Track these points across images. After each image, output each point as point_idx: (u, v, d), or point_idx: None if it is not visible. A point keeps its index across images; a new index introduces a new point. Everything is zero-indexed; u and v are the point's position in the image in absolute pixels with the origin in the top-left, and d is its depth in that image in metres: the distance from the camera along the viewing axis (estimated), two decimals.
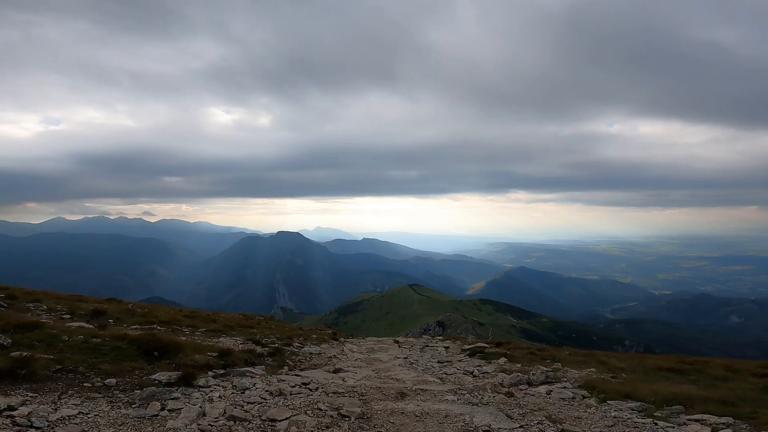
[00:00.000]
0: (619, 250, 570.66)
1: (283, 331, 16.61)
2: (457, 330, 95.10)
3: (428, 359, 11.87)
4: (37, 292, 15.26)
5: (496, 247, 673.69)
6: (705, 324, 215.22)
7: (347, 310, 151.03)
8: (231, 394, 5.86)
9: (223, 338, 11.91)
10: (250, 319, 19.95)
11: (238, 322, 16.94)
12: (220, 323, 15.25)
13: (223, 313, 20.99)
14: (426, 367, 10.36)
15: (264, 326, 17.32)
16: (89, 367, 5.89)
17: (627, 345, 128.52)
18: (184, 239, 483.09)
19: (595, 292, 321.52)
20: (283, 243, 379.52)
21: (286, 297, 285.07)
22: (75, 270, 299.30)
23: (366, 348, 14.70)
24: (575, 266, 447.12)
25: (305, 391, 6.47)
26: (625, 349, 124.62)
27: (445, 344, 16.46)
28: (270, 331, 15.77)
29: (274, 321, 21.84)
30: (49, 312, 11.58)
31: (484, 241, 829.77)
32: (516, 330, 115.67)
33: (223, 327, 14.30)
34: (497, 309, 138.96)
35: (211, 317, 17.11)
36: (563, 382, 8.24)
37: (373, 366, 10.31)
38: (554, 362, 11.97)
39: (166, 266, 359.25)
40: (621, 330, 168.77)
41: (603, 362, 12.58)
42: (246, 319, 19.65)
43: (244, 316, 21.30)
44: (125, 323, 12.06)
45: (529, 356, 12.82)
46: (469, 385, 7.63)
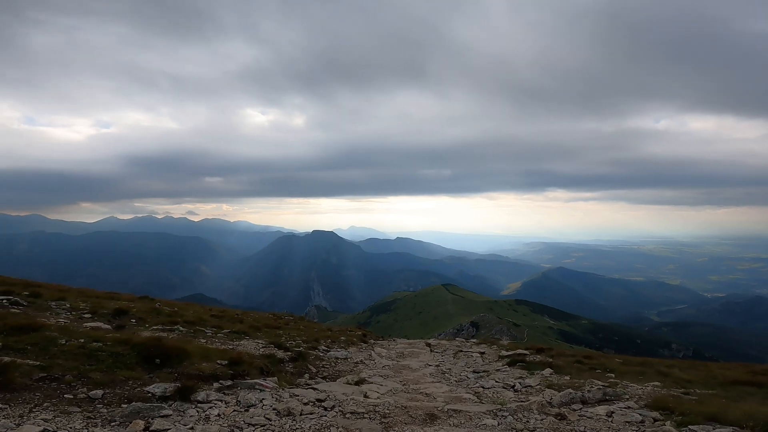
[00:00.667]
0: (667, 251, 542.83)
1: (312, 332, 16.00)
2: (492, 331, 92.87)
3: (462, 368, 10.75)
4: (65, 289, 15.22)
5: (533, 247, 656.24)
6: (761, 328, 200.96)
7: (380, 309, 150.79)
8: (232, 412, 5.06)
9: (246, 341, 11.25)
10: (279, 319, 19.50)
11: (266, 322, 16.40)
12: (246, 324, 14.73)
13: (252, 313, 20.57)
14: (460, 379, 9.27)
15: (292, 327, 16.77)
16: (78, 376, 5.26)
17: (674, 349, 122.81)
18: (225, 238, 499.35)
19: (640, 293, 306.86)
20: (318, 242, 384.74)
21: (321, 295, 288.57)
22: (126, 267, 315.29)
23: (396, 352, 13.70)
24: (618, 267, 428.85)
25: (318, 410, 5.57)
26: (672, 353, 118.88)
27: (480, 349, 15.28)
28: (297, 332, 15.16)
29: (304, 321, 21.36)
30: (71, 311, 11.30)
31: (521, 240, 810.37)
32: (553, 332, 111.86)
33: (249, 328, 13.78)
34: (534, 310, 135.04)
35: (239, 317, 16.61)
36: (625, 401, 6.94)
37: (401, 375, 9.33)
38: (605, 372, 10.60)
39: (209, 264, 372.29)
40: (668, 333, 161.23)
41: (664, 373, 10.98)
42: (275, 319, 19.19)
43: (273, 315, 20.87)
44: (147, 323, 11.67)
45: (575, 365, 11.45)
46: (511, 405, 6.49)
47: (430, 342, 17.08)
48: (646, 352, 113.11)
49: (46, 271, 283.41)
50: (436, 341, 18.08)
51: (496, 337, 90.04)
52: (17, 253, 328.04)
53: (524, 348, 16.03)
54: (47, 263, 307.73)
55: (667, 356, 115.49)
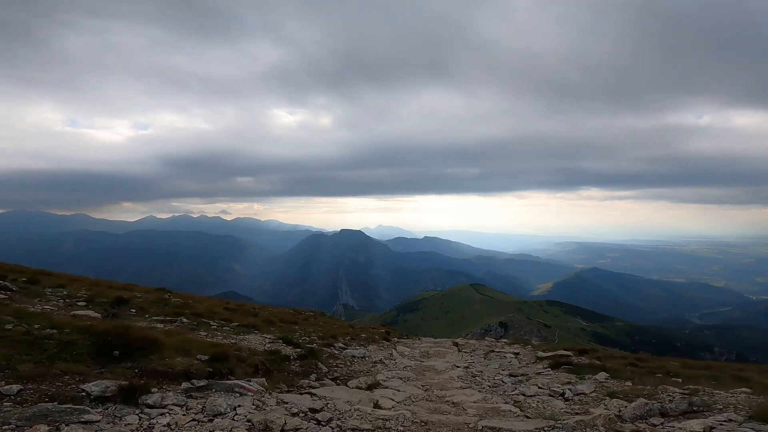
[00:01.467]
0: (710, 251, 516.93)
1: (331, 328, 15.15)
2: (521, 332, 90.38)
3: (496, 371, 9.13)
4: (76, 279, 14.64)
5: (565, 247, 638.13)
6: None
7: (407, 308, 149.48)
8: (189, 422, 3.74)
9: (252, 335, 10.23)
10: (298, 314, 18.74)
11: (282, 317, 15.60)
12: (261, 318, 13.91)
13: (270, 307, 19.75)
14: (494, 384, 7.67)
15: (311, 323, 15.97)
16: (2, 367, 4.10)
17: (716, 352, 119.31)
18: (256, 237, 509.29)
19: (681, 295, 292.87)
20: (346, 241, 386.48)
21: (348, 294, 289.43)
22: (163, 265, 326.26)
23: (420, 352, 12.38)
24: (657, 268, 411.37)
25: (308, 424, 4.16)
26: (714, 356, 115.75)
27: (513, 350, 13.83)
28: (315, 328, 14.24)
29: (325, 317, 20.44)
30: (66, 299, 10.49)
31: (552, 240, 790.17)
32: (586, 333, 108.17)
33: (262, 322, 12.93)
34: (566, 311, 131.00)
35: (255, 311, 15.78)
36: (720, 412, 5.25)
37: (424, 378, 7.83)
38: (668, 377, 8.80)
39: (241, 262, 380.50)
40: (710, 336, 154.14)
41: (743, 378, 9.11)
42: (294, 314, 18.43)
43: (293, 311, 20.04)
44: (148, 314, 10.82)
45: (630, 368, 9.72)
46: (567, 420, 4.88)
47: (457, 341, 15.94)
48: (686, 356, 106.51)
49: (90, 269, 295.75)
50: (464, 341, 17.07)
51: (526, 338, 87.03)
52: (63, 252, 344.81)
53: (562, 348, 14.44)
54: (92, 261, 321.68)
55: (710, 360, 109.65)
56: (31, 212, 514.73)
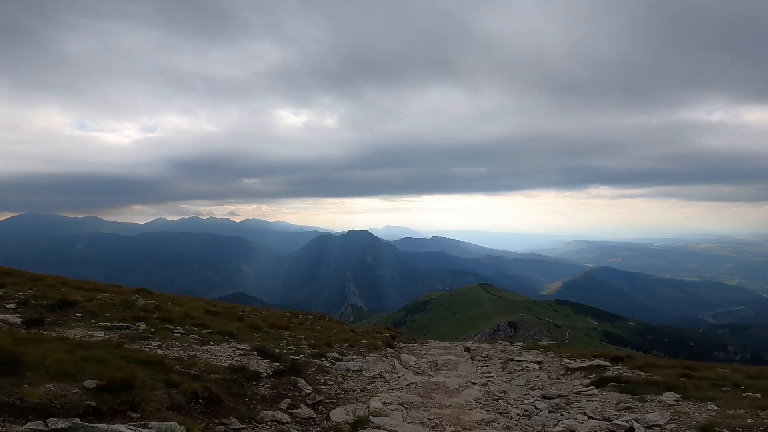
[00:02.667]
0: (723, 250, 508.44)
1: (327, 333, 13.66)
2: (530, 332, 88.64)
3: (522, 390, 7.26)
4: (28, 276, 13.10)
5: (574, 246, 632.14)
6: None
7: (415, 309, 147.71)
8: None
9: (222, 345, 8.42)
10: (294, 317, 17.29)
11: (274, 321, 13.94)
12: (246, 323, 12.39)
13: (263, 310, 18.31)
14: (525, 411, 5.73)
15: (306, 327, 14.45)
16: None
17: (731, 352, 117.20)
18: (264, 238, 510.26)
19: (694, 294, 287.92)
20: (354, 241, 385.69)
21: (356, 294, 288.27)
22: (173, 266, 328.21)
23: (427, 362, 10.72)
24: (670, 267, 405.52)
25: None
26: (729, 356, 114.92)
27: (534, 357, 12.09)
28: (308, 334, 12.74)
29: (324, 320, 18.94)
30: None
31: (562, 239, 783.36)
32: (597, 333, 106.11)
33: (246, 328, 11.36)
34: (576, 310, 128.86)
35: (241, 315, 14.24)
36: None
37: (432, 402, 5.98)
38: (737, 390, 6.96)
39: (249, 263, 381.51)
40: (724, 335, 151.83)
41: None
42: (289, 318, 16.91)
43: (291, 313, 18.67)
44: (97, 318, 9.14)
45: (686, 381, 7.65)
46: None
47: (469, 346, 14.44)
48: (699, 355, 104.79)
49: (102, 271, 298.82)
50: (476, 344, 15.81)
51: (536, 339, 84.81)
52: (75, 253, 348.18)
53: (591, 355, 12.64)
54: (103, 263, 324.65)
55: (724, 359, 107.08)
56: (43, 215, 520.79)
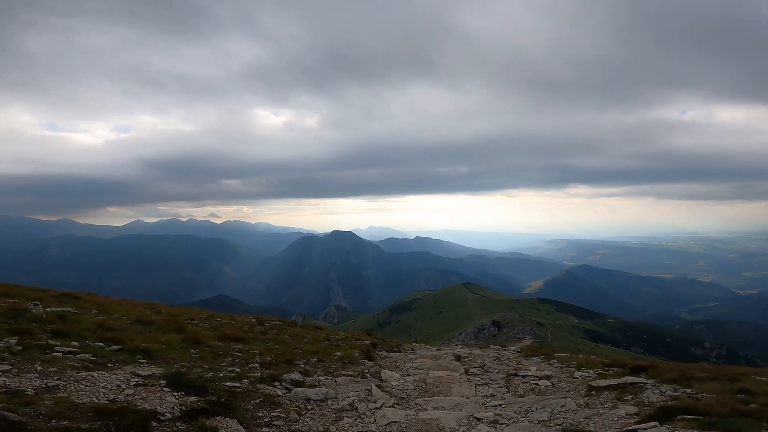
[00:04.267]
0: (697, 247, 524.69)
1: (295, 344, 11.92)
2: (514, 330, 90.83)
3: (547, 427, 5.69)
4: None
5: (555, 245, 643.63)
6: None
7: (400, 309, 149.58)
8: None
9: (117, 370, 6.00)
10: (259, 324, 15.77)
11: (228, 331, 11.81)
12: (187, 334, 10.26)
13: (222, 316, 16.75)
14: None
15: (269, 337, 12.62)
16: None
17: (707, 348, 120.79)
18: (246, 239, 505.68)
19: (670, 291, 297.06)
20: (338, 242, 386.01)
21: (341, 295, 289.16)
22: (153, 270, 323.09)
23: (414, 380, 9.17)
24: (647, 264, 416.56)
25: None
26: (705, 352, 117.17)
27: (540, 370, 10.30)
28: (270, 346, 10.93)
29: (295, 327, 17.20)
30: None
31: (543, 238, 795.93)
32: (578, 331, 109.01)
33: (182, 342, 9.26)
34: (557, 308, 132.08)
35: (182, 325, 11.71)
36: None
37: None
38: None
39: (231, 265, 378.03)
40: (700, 332, 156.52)
41: None
42: (252, 325, 15.33)
43: (256, 320, 17.21)
44: None
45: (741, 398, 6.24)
46: None
47: (459, 353, 13.21)
48: (677, 352, 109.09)
49: (78, 275, 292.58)
50: (466, 350, 14.67)
51: (519, 337, 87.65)
52: (50, 257, 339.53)
53: (602, 363, 11.05)
54: (79, 266, 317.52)
55: (700, 356, 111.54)
56: (16, 218, 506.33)
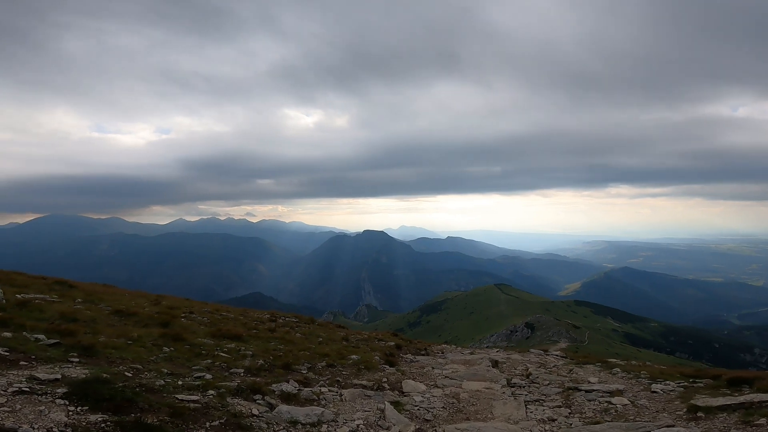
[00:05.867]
0: (749, 250, 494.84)
1: (305, 344, 10.61)
2: (549, 333, 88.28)
3: None
4: None
5: (594, 246, 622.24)
6: None
7: (430, 309, 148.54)
8: None
9: (12, 372, 4.90)
10: (270, 321, 14.63)
11: (226, 327, 10.60)
12: (173, 329, 9.27)
13: (229, 310, 15.86)
14: None
15: (277, 336, 11.33)
16: None
17: (757, 354, 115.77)
18: (280, 238, 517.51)
19: (718, 295, 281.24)
20: (369, 242, 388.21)
21: (371, 294, 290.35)
22: (193, 266, 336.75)
23: (443, 394, 7.68)
24: (693, 267, 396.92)
25: None
26: (755, 358, 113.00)
27: (606, 383, 8.48)
28: (274, 345, 9.82)
29: (312, 325, 15.67)
30: None
31: (580, 239, 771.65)
32: (618, 335, 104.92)
33: (159, 337, 8.20)
34: (596, 311, 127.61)
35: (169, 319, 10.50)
36: None
37: None
38: None
39: (266, 263, 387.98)
40: (750, 337, 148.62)
41: None
42: (263, 321, 14.28)
43: (270, 315, 15.98)
44: None
45: None
46: None
47: (497, 359, 11.76)
48: (724, 357, 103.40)
49: (125, 270, 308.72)
50: (504, 355, 13.16)
51: (554, 340, 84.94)
52: (99, 253, 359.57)
53: (677, 373, 9.27)
54: (126, 262, 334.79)
55: (750, 362, 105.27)
56: (68, 216, 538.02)
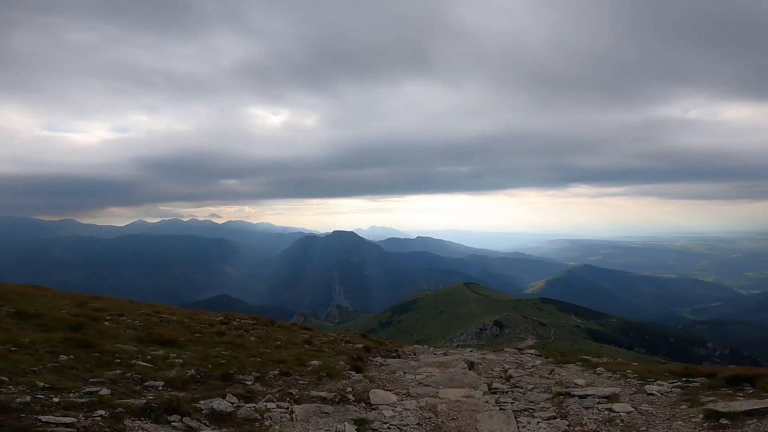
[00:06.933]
0: (700, 247, 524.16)
1: (257, 350, 9.27)
2: (516, 330, 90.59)
3: None
4: None
5: (557, 245, 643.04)
6: None
7: (401, 309, 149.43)
8: None
9: None
10: (222, 323, 12.89)
11: (154, 331, 9.08)
12: (85, 332, 8.04)
13: (173, 310, 14.21)
14: None
15: (224, 340, 9.86)
16: None
17: (710, 348, 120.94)
18: (248, 239, 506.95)
19: (673, 291, 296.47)
20: (339, 242, 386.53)
21: (342, 295, 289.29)
22: (156, 269, 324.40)
23: (418, 406, 6.76)
24: (649, 264, 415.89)
25: None
26: (708, 352, 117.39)
27: (597, 386, 7.95)
28: (217, 351, 8.53)
29: (270, 328, 13.84)
30: None
31: (545, 238, 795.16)
32: (581, 331, 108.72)
33: (62, 343, 6.87)
34: (560, 308, 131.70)
35: (83, 322, 8.92)
36: None
37: None
38: None
39: (233, 265, 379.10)
40: (703, 332, 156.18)
41: None
42: (213, 324, 12.52)
43: (224, 317, 14.11)
44: None
45: None
46: None
47: (472, 360, 11.17)
48: (680, 352, 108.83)
49: (81, 275, 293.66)
50: (479, 355, 12.57)
51: (522, 337, 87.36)
52: (53, 257, 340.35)
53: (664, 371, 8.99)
54: (82, 267, 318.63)
55: (704, 356, 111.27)
56: (19, 218, 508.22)
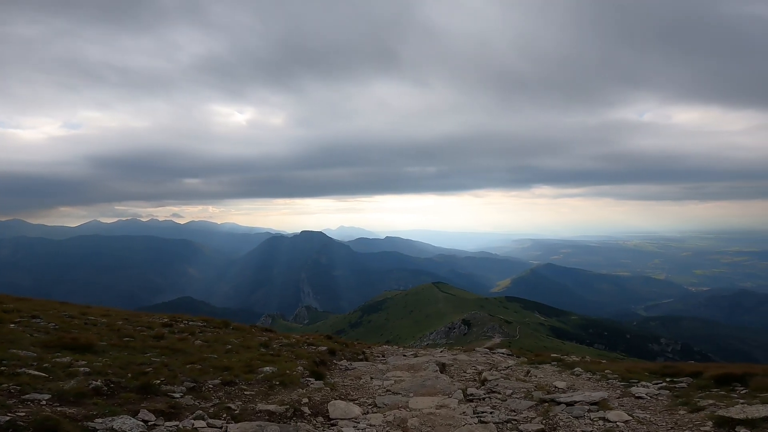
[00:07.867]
0: (652, 246, 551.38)
1: (201, 354, 8.20)
2: (484, 328, 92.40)
3: None
4: None
5: (521, 244, 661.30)
6: (747, 322, 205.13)
7: (371, 309, 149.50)
8: None
9: None
10: (165, 326, 11.65)
11: (68, 335, 7.84)
12: None
13: (108, 312, 12.88)
14: None
15: (161, 344, 8.72)
16: None
17: (663, 344, 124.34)
18: (212, 240, 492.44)
19: (628, 289, 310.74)
20: (307, 242, 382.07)
21: (311, 296, 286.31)
22: (112, 271, 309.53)
23: (385, 421, 5.94)
24: (605, 263, 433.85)
25: None
26: (662, 347, 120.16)
27: (575, 387, 8.07)
28: (147, 357, 7.47)
29: (222, 330, 12.57)
30: None
31: (509, 238, 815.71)
32: (544, 328, 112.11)
33: None
34: (524, 306, 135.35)
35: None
36: None
37: None
38: None
39: (196, 266, 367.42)
40: (656, 328, 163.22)
41: None
42: (153, 326, 11.28)
43: (169, 319, 12.92)
44: None
45: None
46: None
47: (443, 361, 10.85)
48: (635, 348, 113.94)
49: (30, 277, 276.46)
50: (450, 356, 12.30)
51: (489, 335, 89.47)
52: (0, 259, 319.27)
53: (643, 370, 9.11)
54: (31, 268, 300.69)
55: (657, 351, 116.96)
56: None
